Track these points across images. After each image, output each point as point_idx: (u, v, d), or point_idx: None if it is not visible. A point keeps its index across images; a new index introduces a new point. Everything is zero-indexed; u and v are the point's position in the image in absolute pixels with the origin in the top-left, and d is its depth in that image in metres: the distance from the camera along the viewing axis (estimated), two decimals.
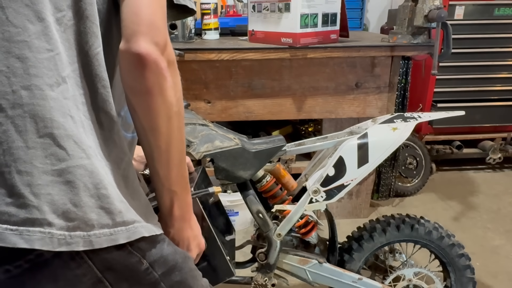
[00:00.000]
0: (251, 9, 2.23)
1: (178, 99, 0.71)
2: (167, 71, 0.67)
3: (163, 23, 0.66)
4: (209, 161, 1.32)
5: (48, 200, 0.59)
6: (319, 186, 1.32)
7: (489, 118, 3.23)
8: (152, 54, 0.64)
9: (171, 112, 0.70)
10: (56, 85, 0.61)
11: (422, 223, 1.52)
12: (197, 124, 1.30)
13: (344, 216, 2.65)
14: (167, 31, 0.67)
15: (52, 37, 0.61)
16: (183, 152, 0.78)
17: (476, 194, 3.04)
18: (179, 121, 0.73)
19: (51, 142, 0.60)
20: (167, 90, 0.68)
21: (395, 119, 1.38)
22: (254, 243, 1.53)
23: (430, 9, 2.00)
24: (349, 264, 1.54)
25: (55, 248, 0.59)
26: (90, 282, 0.65)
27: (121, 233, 0.66)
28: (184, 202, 0.83)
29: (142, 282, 0.72)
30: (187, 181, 0.83)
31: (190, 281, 0.82)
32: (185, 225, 0.86)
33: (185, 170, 0.81)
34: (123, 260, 0.68)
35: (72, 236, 0.60)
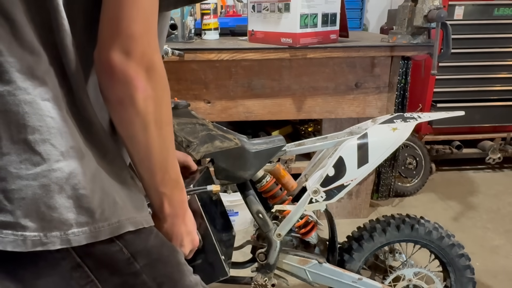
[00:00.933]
0: (251, 9, 2.23)
1: (157, 107, 0.68)
2: (140, 81, 0.64)
3: (142, 30, 0.63)
4: (209, 162, 1.32)
5: (22, 205, 0.59)
6: (319, 186, 1.32)
7: (489, 118, 3.23)
8: (119, 64, 0.62)
9: (147, 122, 0.68)
10: (32, 87, 0.59)
11: (422, 223, 1.52)
12: (197, 124, 1.30)
13: (343, 216, 2.65)
14: (148, 38, 0.64)
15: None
16: (167, 158, 0.75)
17: (476, 194, 3.04)
18: (159, 129, 0.70)
19: (26, 148, 0.59)
20: (139, 101, 0.65)
21: (395, 119, 1.38)
22: (254, 243, 1.53)
23: (430, 9, 2.00)
24: (349, 264, 1.54)
25: (28, 249, 0.59)
26: (69, 266, 0.65)
27: (102, 229, 0.65)
28: (174, 200, 0.81)
29: (123, 272, 0.71)
30: (176, 181, 0.81)
31: (176, 275, 0.80)
32: (178, 221, 0.85)
33: (173, 172, 0.78)
34: (103, 249, 0.67)
35: (48, 236, 0.60)
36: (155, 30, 0.66)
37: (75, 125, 0.65)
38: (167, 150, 0.74)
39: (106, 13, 0.62)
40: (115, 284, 0.71)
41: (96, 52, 0.64)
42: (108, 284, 0.70)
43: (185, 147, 1.26)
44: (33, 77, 0.59)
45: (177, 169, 0.80)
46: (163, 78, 0.68)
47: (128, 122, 0.67)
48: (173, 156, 0.77)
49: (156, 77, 0.66)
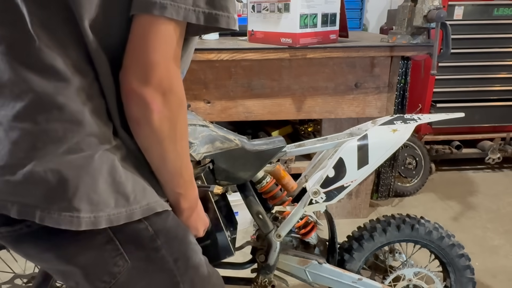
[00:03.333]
0: (251, 9, 2.23)
1: (172, 125, 0.74)
2: (156, 104, 0.70)
3: (162, 58, 0.68)
4: (209, 162, 1.31)
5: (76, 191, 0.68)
6: (319, 188, 1.32)
7: (488, 118, 3.24)
8: (137, 89, 0.69)
9: (162, 138, 0.75)
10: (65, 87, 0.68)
11: (423, 223, 1.53)
12: (197, 125, 1.29)
13: (343, 216, 2.66)
14: (167, 65, 0.69)
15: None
16: (181, 166, 0.83)
17: (476, 194, 3.04)
18: (174, 144, 0.77)
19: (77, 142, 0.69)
20: (155, 121, 0.72)
21: (395, 120, 1.38)
22: (254, 244, 1.53)
23: (430, 9, 2.00)
24: (349, 263, 1.54)
25: (82, 228, 0.68)
26: (104, 240, 0.74)
27: (135, 211, 0.75)
28: (188, 198, 0.91)
29: (147, 247, 0.79)
30: (190, 182, 0.89)
31: (189, 253, 0.89)
32: (193, 213, 0.96)
33: (186, 176, 0.87)
34: (132, 227, 0.76)
35: (96, 217, 0.69)
36: (177, 56, 0.71)
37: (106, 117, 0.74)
38: (181, 160, 0.82)
39: (131, 40, 0.68)
40: (140, 257, 0.79)
41: (120, 74, 0.71)
42: (134, 257, 0.78)
43: None
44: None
45: (190, 171, 0.88)
46: (180, 98, 0.74)
47: (144, 137, 0.75)
48: (186, 163, 0.85)
49: (172, 99, 0.72)
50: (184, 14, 0.66)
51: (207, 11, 0.68)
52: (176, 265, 0.85)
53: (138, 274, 0.80)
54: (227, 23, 0.71)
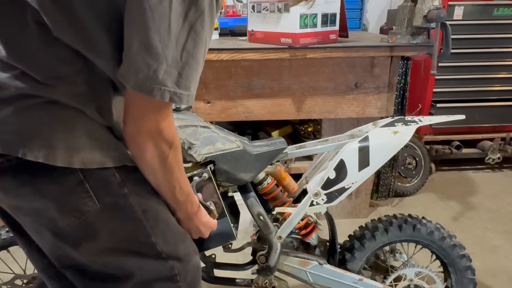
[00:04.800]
0: (251, 9, 2.22)
1: (163, 161, 0.86)
2: (148, 147, 0.83)
3: (151, 115, 0.80)
4: (210, 163, 1.31)
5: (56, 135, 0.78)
6: (320, 189, 1.32)
7: (488, 118, 3.24)
8: (132, 136, 0.83)
9: (154, 171, 0.88)
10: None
11: (424, 223, 1.53)
12: (198, 126, 1.29)
13: (343, 216, 2.66)
14: (156, 118, 0.81)
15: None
16: (175, 189, 0.93)
17: (475, 194, 3.04)
18: (165, 173, 0.89)
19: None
20: (147, 159, 0.85)
21: (396, 122, 1.38)
22: (254, 245, 1.53)
23: (430, 9, 2.00)
24: (350, 263, 1.54)
25: (57, 164, 0.77)
26: (75, 181, 0.81)
27: (107, 160, 0.83)
28: (185, 210, 1.01)
29: (115, 193, 0.86)
30: (185, 202, 0.99)
31: (159, 207, 0.94)
32: (193, 221, 1.05)
33: (181, 197, 0.97)
34: (103, 173, 0.83)
35: (71, 157, 0.78)
36: (169, 112, 0.83)
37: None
38: (173, 187, 0.93)
39: (125, 99, 0.81)
40: (109, 202, 0.85)
41: (123, 123, 0.83)
42: (104, 201, 0.84)
43: (186, 149, 1.26)
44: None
45: (187, 192, 0.98)
46: (169, 140, 0.85)
47: (141, 169, 0.89)
48: (180, 189, 0.95)
49: (161, 142, 0.84)
50: (149, 90, 0.75)
51: (172, 91, 0.77)
52: (145, 216, 0.89)
53: (107, 217, 0.86)
54: (187, 101, 0.80)
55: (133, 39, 0.73)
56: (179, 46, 0.75)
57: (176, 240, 0.98)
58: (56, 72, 0.77)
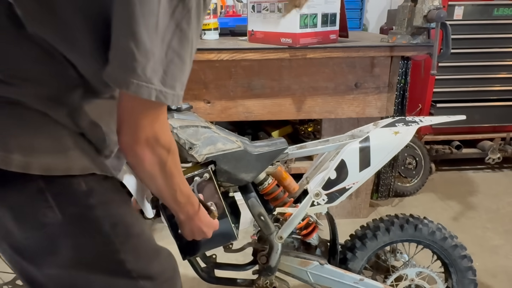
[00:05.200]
0: (251, 9, 2.22)
1: (162, 167, 0.84)
2: (145, 155, 0.81)
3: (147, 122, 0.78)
4: (210, 164, 1.31)
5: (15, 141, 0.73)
6: (320, 189, 1.32)
7: (488, 118, 3.24)
8: (129, 146, 0.80)
9: (154, 177, 0.86)
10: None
11: (426, 223, 1.53)
12: (199, 126, 1.29)
13: (343, 216, 2.66)
14: (153, 125, 0.79)
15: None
16: (175, 193, 0.93)
17: (475, 194, 3.04)
18: (165, 179, 0.87)
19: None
20: (146, 167, 0.83)
21: (397, 123, 1.38)
22: (255, 246, 1.53)
23: (430, 9, 2.00)
24: (352, 262, 1.54)
25: (12, 169, 0.72)
26: (35, 189, 0.75)
27: (73, 167, 0.77)
28: (186, 212, 1.02)
29: (79, 203, 0.80)
30: (186, 203, 0.99)
31: (130, 219, 0.89)
32: (194, 223, 1.06)
33: (182, 199, 0.96)
34: (66, 181, 0.78)
35: (28, 162, 0.73)
36: (163, 117, 0.81)
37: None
38: (173, 191, 0.92)
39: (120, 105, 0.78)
40: (72, 214, 0.79)
41: (117, 131, 0.81)
42: (67, 213, 0.78)
43: (187, 149, 1.26)
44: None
45: (187, 194, 0.98)
46: (167, 147, 0.83)
47: (140, 177, 0.88)
48: (180, 192, 0.94)
49: (159, 149, 0.82)
50: (136, 88, 0.72)
51: (158, 89, 0.74)
52: (114, 230, 0.84)
53: (70, 231, 0.79)
54: (173, 100, 0.77)
55: (120, 33, 0.70)
56: (165, 44, 0.73)
57: (149, 257, 0.93)
58: (23, 71, 0.73)
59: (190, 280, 1.97)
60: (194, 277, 1.56)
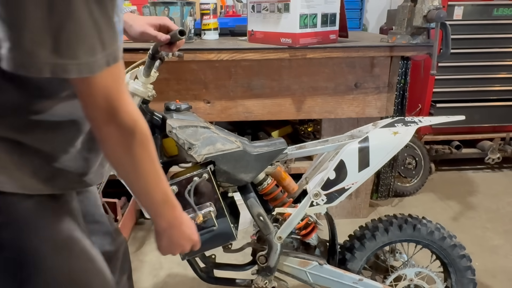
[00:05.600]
0: (251, 9, 2.23)
1: (128, 149, 0.78)
2: (104, 133, 0.75)
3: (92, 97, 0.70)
4: (210, 164, 1.31)
5: None
6: (320, 190, 1.32)
7: (488, 118, 3.24)
8: (93, 124, 0.75)
9: (119, 160, 0.80)
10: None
11: (424, 223, 1.53)
12: (198, 126, 1.30)
13: (343, 216, 2.66)
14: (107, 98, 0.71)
15: None
16: (146, 185, 0.85)
17: (475, 194, 3.04)
18: (132, 164, 0.80)
19: None
20: (108, 147, 0.78)
21: (396, 123, 1.38)
22: (254, 246, 1.53)
23: (429, 10, 2.00)
24: (351, 262, 1.54)
25: None
26: None
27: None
28: (166, 216, 0.93)
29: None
30: (164, 201, 0.91)
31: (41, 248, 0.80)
32: (175, 232, 0.97)
33: (158, 195, 0.88)
34: None
35: None
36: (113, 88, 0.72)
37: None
38: (145, 180, 0.84)
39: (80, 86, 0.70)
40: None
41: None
42: None
43: (186, 149, 1.26)
44: None
45: (164, 190, 0.89)
46: (128, 122, 0.75)
47: (107, 156, 0.81)
48: (155, 182, 0.86)
49: (119, 126, 0.75)
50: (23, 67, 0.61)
51: (52, 62, 0.62)
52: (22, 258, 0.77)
53: None
54: (78, 71, 0.65)
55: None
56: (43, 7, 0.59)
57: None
58: None
59: (190, 280, 1.97)
60: (194, 277, 1.56)
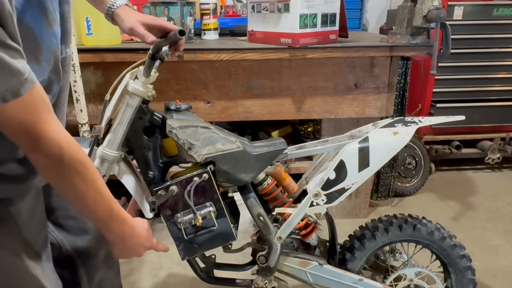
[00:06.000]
0: (251, 9, 2.23)
1: (58, 175, 0.81)
2: (34, 159, 0.78)
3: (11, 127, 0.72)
4: (210, 164, 1.31)
5: None
6: (320, 190, 1.32)
7: (488, 118, 3.24)
8: (21, 147, 0.78)
9: (54, 182, 0.83)
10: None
11: (424, 223, 1.53)
12: (198, 126, 1.29)
13: (343, 216, 2.66)
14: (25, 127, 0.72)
15: None
16: (86, 204, 0.86)
17: (475, 194, 3.04)
18: (68, 186, 0.83)
19: None
20: (41, 171, 0.81)
21: (396, 123, 1.38)
22: (254, 246, 1.53)
23: (429, 10, 2.00)
24: (351, 262, 1.54)
25: None
26: None
27: None
28: (114, 231, 0.94)
29: None
30: (109, 218, 0.91)
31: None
32: (126, 243, 0.98)
33: (101, 211, 0.89)
34: None
35: None
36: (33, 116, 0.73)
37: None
38: (83, 201, 0.86)
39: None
40: None
41: None
42: None
43: (186, 150, 1.26)
44: None
45: (108, 208, 0.90)
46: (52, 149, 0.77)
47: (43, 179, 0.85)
48: (95, 203, 0.88)
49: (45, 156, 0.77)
50: None
51: None
52: None
53: None
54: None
55: None
56: None
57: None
58: None
59: (190, 280, 1.97)
60: (194, 277, 1.56)
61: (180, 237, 1.30)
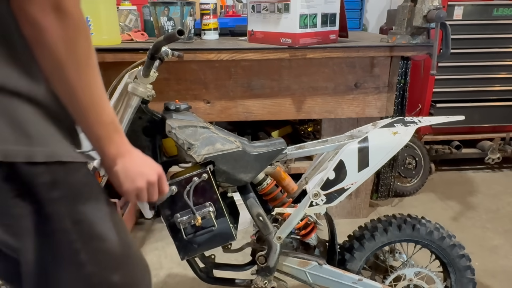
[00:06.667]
0: (251, 9, 2.23)
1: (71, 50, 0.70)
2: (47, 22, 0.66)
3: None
4: (209, 164, 1.32)
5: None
6: (319, 190, 1.32)
7: (488, 118, 3.24)
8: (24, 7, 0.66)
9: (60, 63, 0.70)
10: None
11: (424, 223, 1.53)
12: (198, 126, 1.30)
13: (343, 216, 2.66)
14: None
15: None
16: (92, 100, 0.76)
17: (475, 194, 3.04)
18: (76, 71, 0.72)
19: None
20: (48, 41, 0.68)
21: (396, 123, 1.38)
22: (253, 246, 1.53)
23: (429, 10, 2.00)
24: (350, 263, 1.54)
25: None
26: (1, 176, 0.69)
27: (37, 153, 0.69)
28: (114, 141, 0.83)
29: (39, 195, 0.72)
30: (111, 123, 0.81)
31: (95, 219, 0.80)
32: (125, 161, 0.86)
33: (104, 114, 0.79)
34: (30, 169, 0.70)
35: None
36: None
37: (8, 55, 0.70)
38: (90, 91, 0.75)
39: None
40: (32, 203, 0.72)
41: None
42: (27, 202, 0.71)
43: (186, 149, 1.26)
44: None
45: (109, 112, 0.80)
46: (75, 18, 0.69)
47: (43, 61, 0.71)
48: (100, 99, 0.77)
49: (65, 17, 0.68)
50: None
51: None
52: (77, 228, 0.76)
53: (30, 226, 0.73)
54: None
55: None
56: None
57: (114, 264, 0.84)
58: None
59: (190, 280, 1.98)
60: (194, 277, 1.56)
61: (179, 237, 1.30)
